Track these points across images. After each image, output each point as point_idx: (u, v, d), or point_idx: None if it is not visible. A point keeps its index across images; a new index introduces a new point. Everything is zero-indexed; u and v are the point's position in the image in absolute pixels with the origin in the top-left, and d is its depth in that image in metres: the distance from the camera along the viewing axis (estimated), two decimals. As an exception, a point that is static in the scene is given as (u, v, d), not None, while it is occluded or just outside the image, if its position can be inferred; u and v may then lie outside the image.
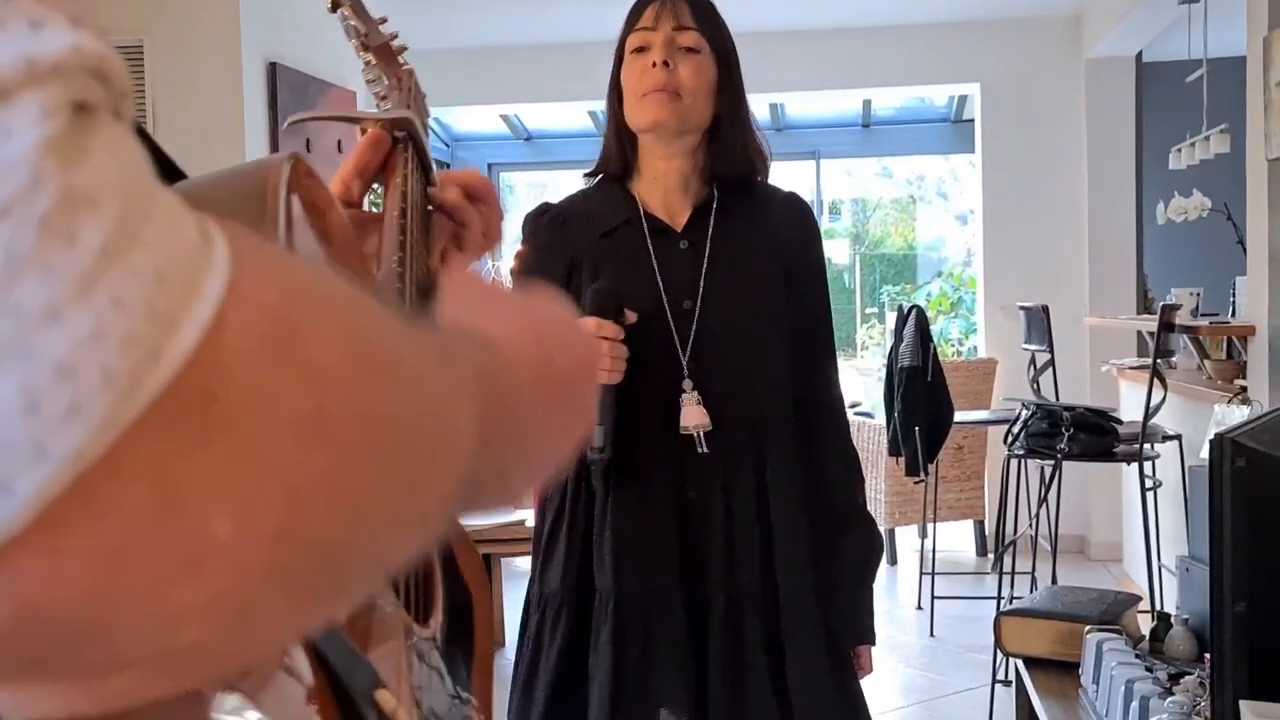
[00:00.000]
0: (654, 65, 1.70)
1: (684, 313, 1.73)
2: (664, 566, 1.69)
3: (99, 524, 0.27)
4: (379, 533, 0.35)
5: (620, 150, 1.78)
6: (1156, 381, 3.97)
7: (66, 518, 0.26)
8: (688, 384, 1.70)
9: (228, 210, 0.38)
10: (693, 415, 1.69)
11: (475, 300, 0.56)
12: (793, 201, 1.87)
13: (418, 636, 0.65)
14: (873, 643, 1.84)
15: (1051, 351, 5.14)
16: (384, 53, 0.99)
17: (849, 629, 1.80)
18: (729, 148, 1.77)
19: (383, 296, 0.72)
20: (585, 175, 1.86)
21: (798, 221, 1.84)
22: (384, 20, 1.01)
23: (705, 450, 1.69)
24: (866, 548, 1.84)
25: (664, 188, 1.78)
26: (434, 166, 0.88)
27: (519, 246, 1.85)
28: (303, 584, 0.32)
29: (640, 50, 1.74)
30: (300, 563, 0.31)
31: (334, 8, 0.99)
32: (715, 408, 1.71)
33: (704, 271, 1.75)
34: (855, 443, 1.93)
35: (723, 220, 1.78)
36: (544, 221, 1.81)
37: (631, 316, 1.68)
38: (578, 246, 1.76)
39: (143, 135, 0.49)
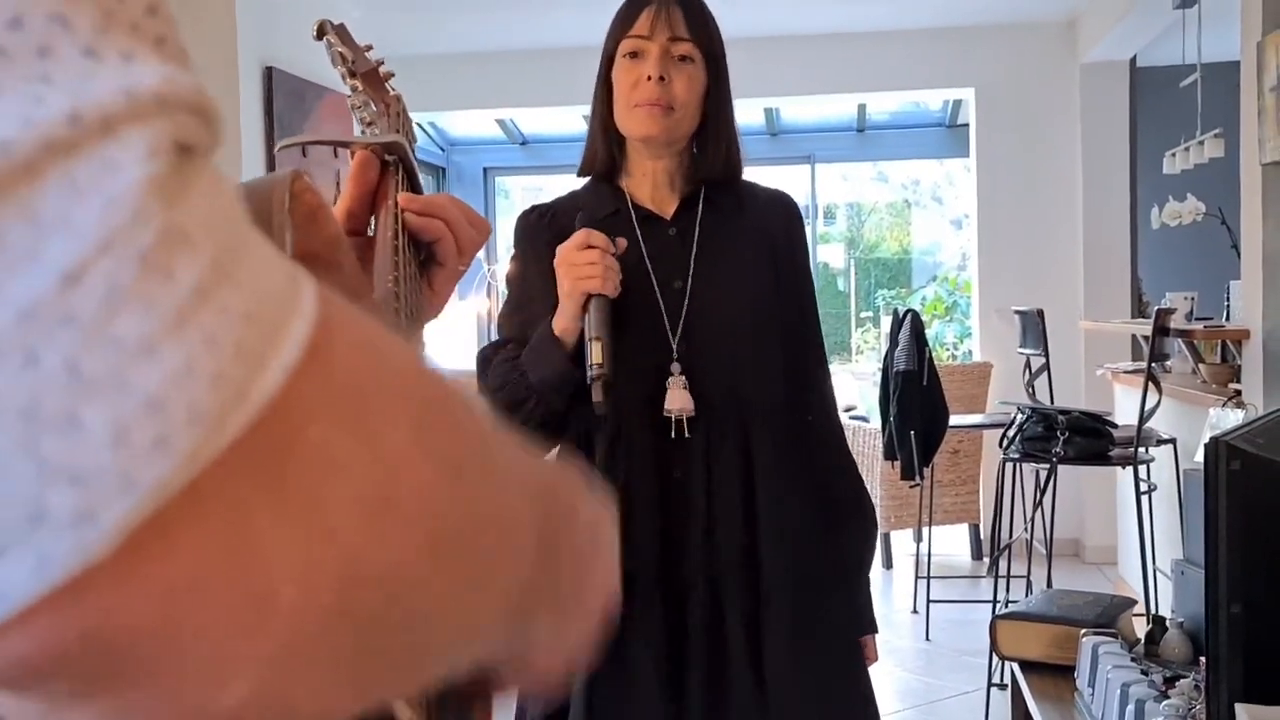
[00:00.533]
0: (649, 78, 1.71)
1: (674, 293, 1.74)
2: (643, 547, 1.68)
3: (173, 559, 0.27)
4: (426, 633, 0.34)
5: (608, 150, 1.79)
6: (1151, 385, 3.98)
7: (144, 549, 0.27)
8: (675, 367, 1.71)
9: None
10: (676, 399, 1.69)
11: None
12: (779, 198, 1.88)
13: None
14: (876, 631, 1.86)
15: (1046, 355, 5.15)
16: (371, 79, 0.99)
17: (857, 620, 1.82)
18: (715, 151, 1.78)
19: (392, 322, 0.72)
20: (579, 174, 1.87)
21: (784, 218, 1.85)
22: (369, 47, 1.01)
23: (686, 435, 1.69)
24: (864, 537, 1.86)
25: (652, 184, 1.80)
26: (424, 190, 0.89)
27: (514, 249, 1.86)
28: (356, 663, 0.32)
29: (633, 55, 1.74)
30: (354, 641, 0.31)
31: (319, 35, 1.00)
32: (704, 389, 1.71)
33: (693, 255, 1.76)
34: (850, 447, 1.93)
35: (710, 211, 1.79)
36: (533, 219, 1.83)
37: (622, 243, 1.68)
38: (567, 234, 1.77)
39: None
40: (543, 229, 1.80)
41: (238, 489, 0.28)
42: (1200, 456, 1.63)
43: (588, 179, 1.84)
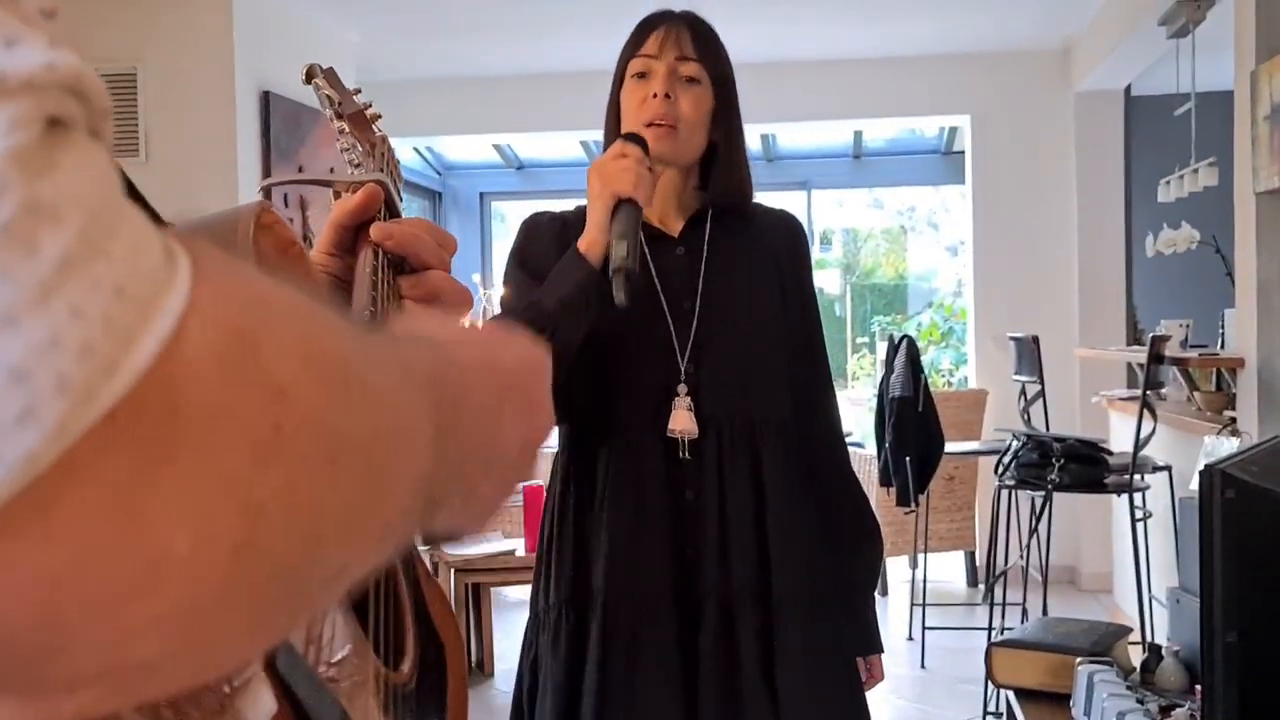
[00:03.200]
0: (655, 96, 1.72)
1: (684, 312, 1.75)
2: (656, 569, 1.69)
3: (54, 536, 0.27)
4: (338, 548, 0.35)
5: None
6: (1146, 413, 3.98)
7: (20, 528, 0.26)
8: (681, 388, 1.71)
9: None
10: (680, 420, 1.70)
11: (423, 319, 0.56)
12: (784, 219, 1.90)
13: (389, 681, 0.65)
14: (883, 650, 1.87)
15: (1042, 382, 5.15)
16: (358, 120, 1.01)
17: (864, 640, 1.82)
18: (723, 173, 1.80)
19: (342, 310, 0.73)
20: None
21: (790, 240, 1.87)
22: (358, 90, 1.04)
23: (688, 457, 1.70)
24: (870, 555, 1.87)
25: (659, 202, 1.80)
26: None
27: (515, 245, 1.84)
28: (260, 600, 0.32)
29: (641, 75, 1.76)
30: (258, 579, 0.31)
31: (308, 79, 1.02)
32: (714, 410, 1.72)
33: (702, 275, 1.77)
34: (847, 472, 1.93)
35: (718, 231, 1.80)
36: (544, 219, 1.82)
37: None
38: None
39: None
40: (551, 233, 1.78)
41: (118, 459, 0.28)
42: (1195, 484, 1.63)
43: None
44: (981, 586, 5.76)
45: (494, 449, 0.51)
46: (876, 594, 1.97)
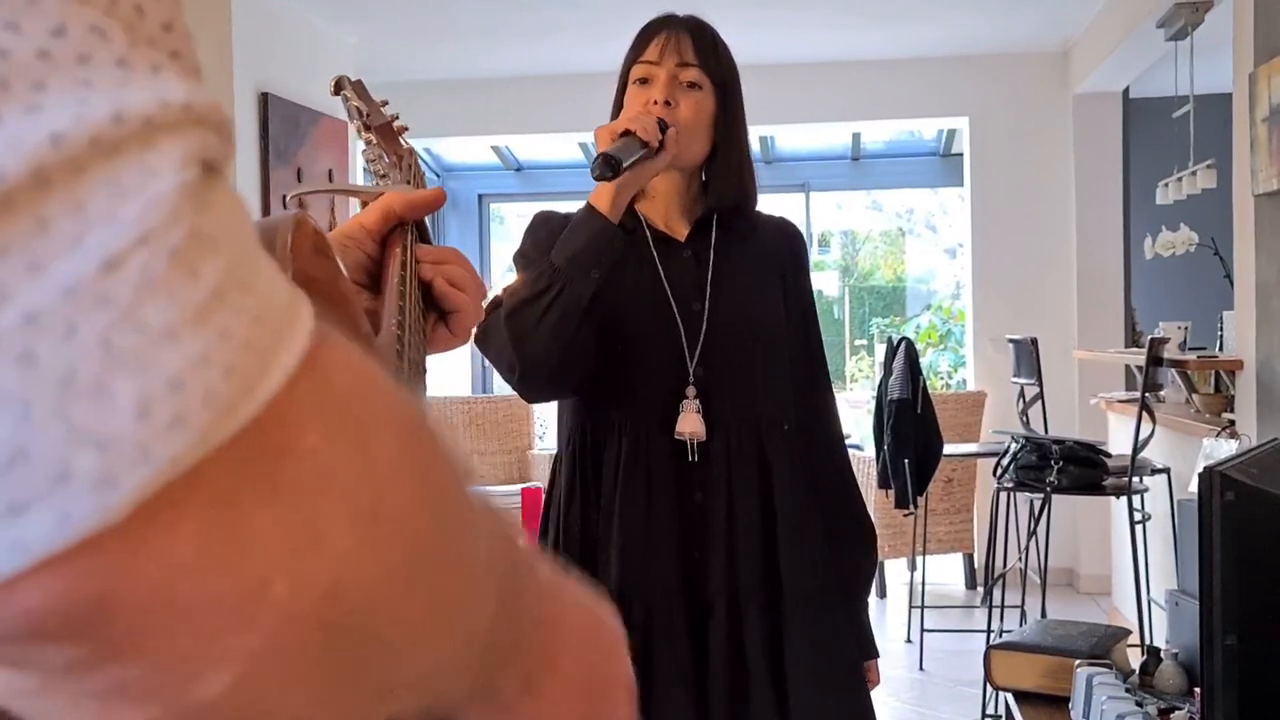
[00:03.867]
0: (655, 103, 1.73)
1: (693, 314, 1.75)
2: (666, 569, 1.70)
3: (178, 535, 0.29)
4: (394, 654, 0.35)
5: None
6: (1145, 415, 3.98)
7: (154, 520, 0.29)
8: (690, 390, 1.72)
9: None
10: (689, 423, 1.70)
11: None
12: (783, 225, 1.92)
13: None
14: (879, 655, 1.88)
15: (1040, 384, 5.15)
16: (385, 132, 1.02)
17: (860, 645, 1.83)
18: (725, 177, 1.81)
19: (395, 365, 0.74)
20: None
21: (791, 246, 1.89)
22: (385, 102, 1.05)
23: (695, 459, 1.71)
24: (868, 557, 1.89)
25: (664, 206, 1.82)
26: (433, 240, 0.91)
27: (522, 242, 1.84)
28: (328, 671, 0.33)
29: (643, 81, 1.77)
30: (329, 647, 0.32)
31: (336, 91, 1.03)
32: (723, 412, 1.72)
33: (709, 278, 1.78)
34: (846, 474, 1.94)
35: (723, 235, 1.82)
36: (554, 216, 1.82)
37: None
38: None
39: None
40: (561, 227, 1.77)
41: (238, 479, 0.30)
42: (1194, 487, 1.63)
43: None
44: (980, 589, 5.76)
45: (555, 653, 0.49)
46: (875, 596, 1.98)
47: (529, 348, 1.65)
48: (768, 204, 1.96)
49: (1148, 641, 3.70)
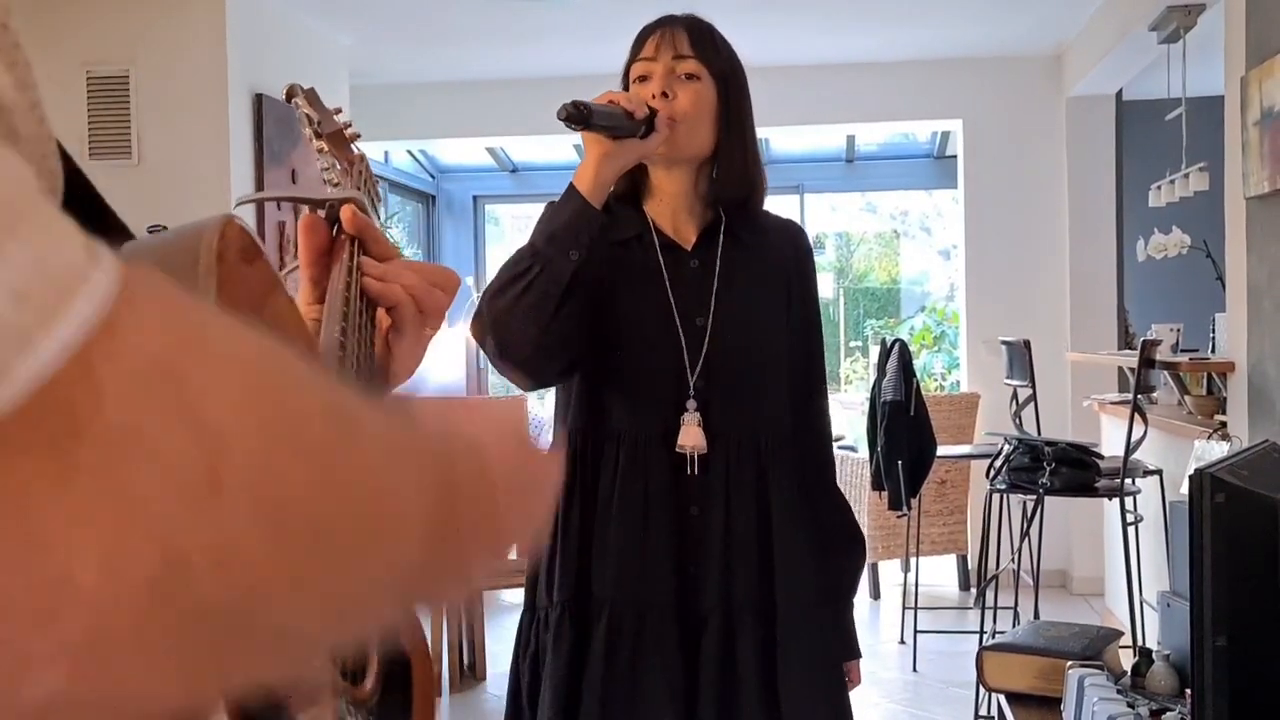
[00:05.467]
0: (653, 96, 1.73)
1: (696, 329, 1.75)
2: (660, 582, 1.70)
3: None
4: (287, 611, 0.33)
5: (628, 172, 1.80)
6: (1137, 417, 3.99)
7: None
8: (691, 404, 1.72)
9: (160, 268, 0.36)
10: (690, 436, 1.70)
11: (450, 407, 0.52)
12: (791, 230, 1.92)
13: (350, 698, 0.64)
14: (860, 655, 1.89)
15: (1033, 386, 5.16)
16: (336, 139, 1.02)
17: (844, 645, 1.84)
18: (730, 170, 1.79)
19: (335, 370, 0.71)
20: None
21: (797, 250, 1.88)
22: (338, 110, 1.06)
23: (695, 472, 1.71)
24: (857, 562, 1.89)
25: (671, 209, 1.81)
26: (390, 239, 0.90)
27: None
28: (188, 646, 0.30)
29: (642, 79, 1.77)
30: (183, 623, 0.30)
31: (289, 98, 1.04)
32: (722, 426, 1.72)
33: (715, 290, 1.77)
34: (838, 477, 1.96)
35: (731, 242, 1.81)
36: None
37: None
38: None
39: (84, 185, 0.49)
40: None
41: (14, 474, 0.27)
42: (1186, 488, 1.64)
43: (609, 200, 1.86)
44: (973, 590, 5.76)
45: (496, 545, 0.49)
46: (868, 597, 1.99)
47: (508, 328, 1.65)
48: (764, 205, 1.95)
49: (1140, 643, 3.71)
